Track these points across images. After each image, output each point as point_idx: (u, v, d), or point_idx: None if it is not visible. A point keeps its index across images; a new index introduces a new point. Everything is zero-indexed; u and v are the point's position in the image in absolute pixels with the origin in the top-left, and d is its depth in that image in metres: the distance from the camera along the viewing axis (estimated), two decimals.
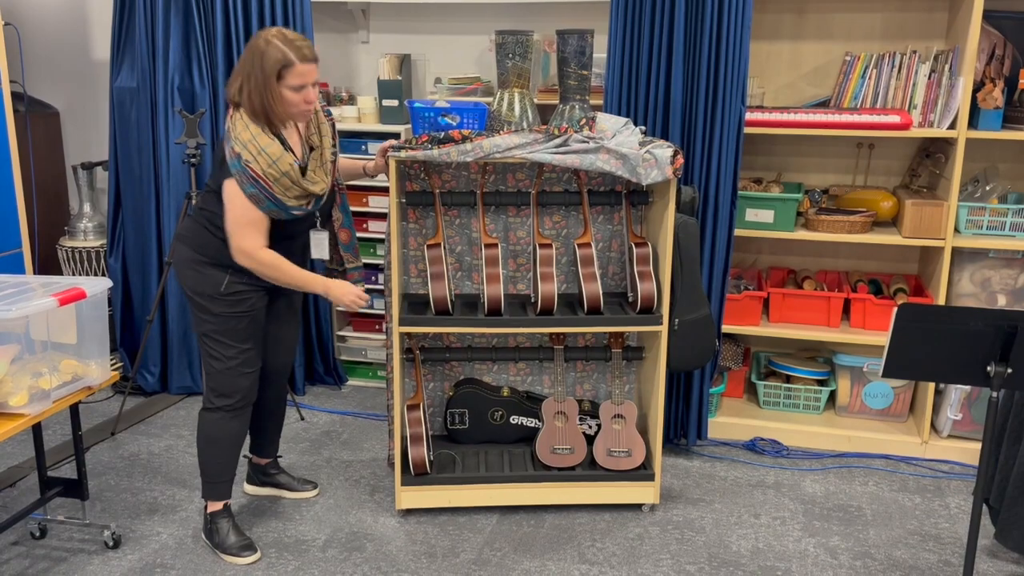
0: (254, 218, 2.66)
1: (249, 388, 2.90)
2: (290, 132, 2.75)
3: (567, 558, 2.97)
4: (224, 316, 2.80)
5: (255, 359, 2.89)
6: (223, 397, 2.87)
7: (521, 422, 3.45)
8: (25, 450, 3.62)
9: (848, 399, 3.90)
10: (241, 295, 2.80)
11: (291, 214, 2.72)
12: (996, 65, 3.48)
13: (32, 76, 4.69)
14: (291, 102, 2.62)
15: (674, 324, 3.17)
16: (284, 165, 2.63)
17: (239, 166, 2.61)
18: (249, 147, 2.60)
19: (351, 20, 4.40)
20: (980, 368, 2.33)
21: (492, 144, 2.90)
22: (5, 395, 2.62)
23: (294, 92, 2.60)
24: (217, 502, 2.97)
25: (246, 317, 2.83)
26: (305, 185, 2.70)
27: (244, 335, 2.84)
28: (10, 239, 3.90)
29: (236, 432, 2.93)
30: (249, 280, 2.80)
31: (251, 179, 2.61)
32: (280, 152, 2.63)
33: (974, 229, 3.55)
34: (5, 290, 2.73)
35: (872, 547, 3.06)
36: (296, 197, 2.70)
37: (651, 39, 3.44)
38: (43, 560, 2.93)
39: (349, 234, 3.08)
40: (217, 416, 2.90)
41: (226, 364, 2.84)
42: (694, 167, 3.51)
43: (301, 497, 3.31)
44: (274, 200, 2.65)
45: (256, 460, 3.31)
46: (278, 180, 2.63)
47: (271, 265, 2.72)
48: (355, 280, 3.09)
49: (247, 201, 2.64)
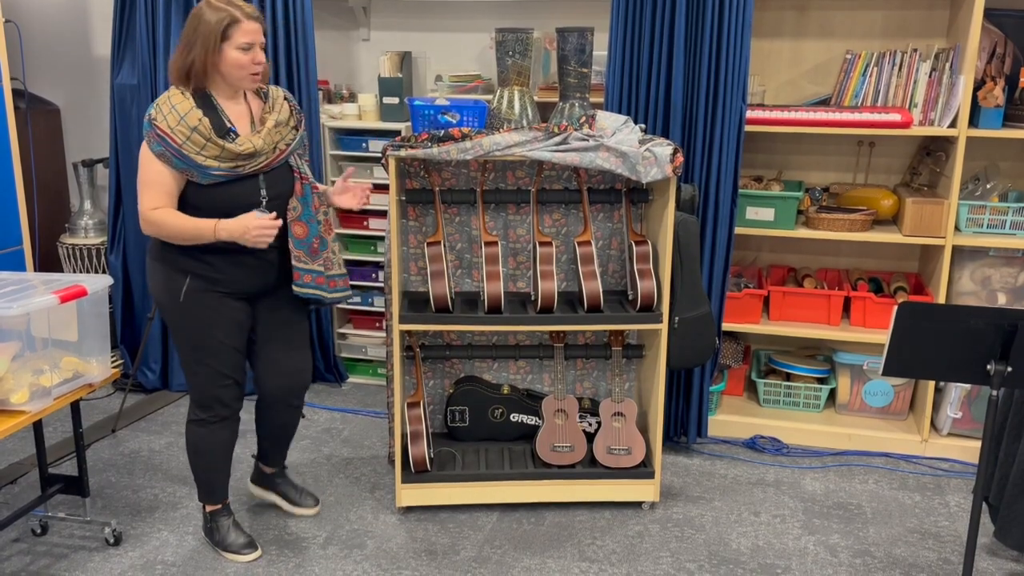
0: (156, 179, 2.55)
1: (229, 400, 2.79)
2: (237, 107, 2.65)
3: (567, 556, 2.97)
4: (189, 326, 2.70)
5: (232, 371, 2.76)
6: (204, 408, 2.79)
7: (521, 420, 3.46)
8: (26, 447, 3.62)
9: (848, 397, 3.90)
10: (203, 302, 2.68)
11: (209, 175, 2.56)
12: (997, 63, 3.48)
13: (33, 73, 4.68)
14: (239, 63, 2.53)
15: (674, 322, 3.17)
16: (192, 120, 2.52)
17: (149, 126, 2.53)
18: (161, 107, 2.54)
19: (352, 18, 4.40)
20: (980, 366, 2.33)
21: (492, 142, 2.90)
22: (6, 392, 2.62)
23: (242, 52, 2.53)
24: (214, 504, 2.95)
25: (213, 327, 2.69)
26: (220, 143, 2.54)
27: (213, 348, 2.71)
28: (11, 236, 3.90)
29: (223, 442, 2.85)
30: (211, 285, 2.68)
31: (157, 137, 2.52)
32: (189, 107, 2.53)
33: (974, 227, 3.55)
34: (6, 287, 2.74)
35: (872, 545, 3.06)
36: (216, 157, 2.55)
37: (652, 37, 3.44)
38: (44, 557, 2.94)
39: (305, 229, 2.75)
40: (201, 429, 2.82)
41: (199, 377, 2.75)
42: (694, 165, 3.51)
43: (300, 513, 3.18)
44: (182, 157, 2.52)
45: (263, 467, 3.21)
46: (189, 137, 2.51)
47: (164, 224, 2.56)
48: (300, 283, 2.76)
49: (153, 160, 2.53)
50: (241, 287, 2.73)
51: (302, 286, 2.77)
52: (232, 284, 2.71)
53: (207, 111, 2.57)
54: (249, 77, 2.59)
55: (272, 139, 2.66)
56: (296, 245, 2.75)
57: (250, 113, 2.68)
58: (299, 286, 2.77)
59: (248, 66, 2.55)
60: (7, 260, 3.86)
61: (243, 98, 2.68)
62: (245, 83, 2.61)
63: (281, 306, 2.86)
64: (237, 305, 2.74)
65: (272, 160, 2.67)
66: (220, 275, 2.68)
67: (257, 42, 2.55)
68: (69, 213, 4.75)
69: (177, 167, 2.54)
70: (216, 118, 2.58)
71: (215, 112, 2.59)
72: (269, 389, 2.92)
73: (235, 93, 2.65)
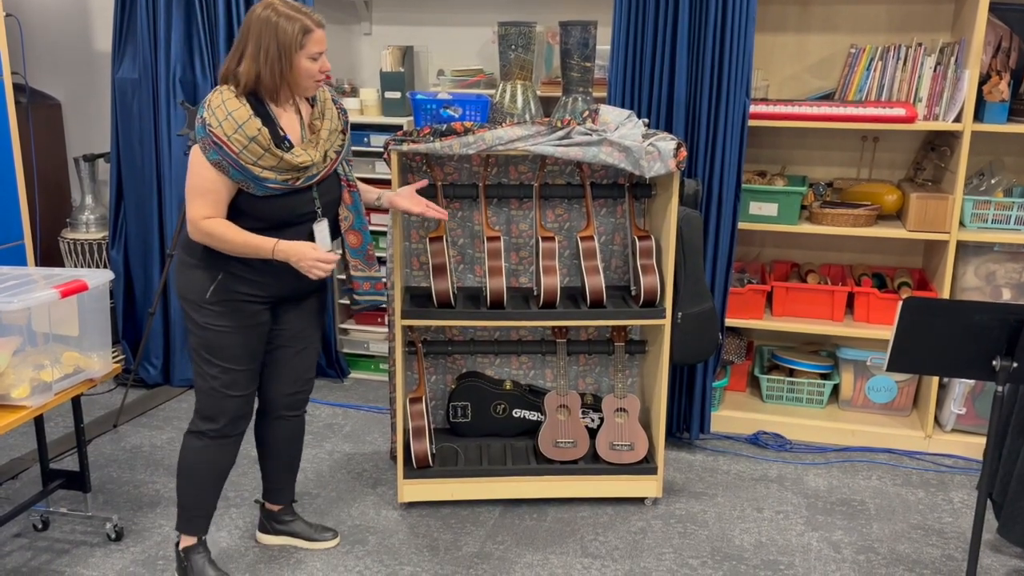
0: (210, 187, 2.43)
1: (237, 413, 2.65)
2: (288, 113, 2.55)
3: (570, 551, 2.97)
4: (210, 328, 2.55)
5: (245, 381, 2.63)
6: (207, 420, 2.64)
7: (523, 415, 3.45)
8: (27, 442, 3.62)
9: (851, 393, 3.89)
10: (230, 305, 2.55)
11: (265, 187, 2.46)
12: (1002, 58, 3.46)
13: (33, 67, 4.67)
14: (309, 72, 2.45)
15: (677, 317, 3.16)
16: (251, 130, 2.40)
17: (203, 132, 2.42)
18: (216, 112, 2.41)
19: (354, 12, 4.38)
20: (986, 362, 2.31)
21: (494, 136, 2.89)
22: (7, 387, 2.61)
23: (312, 61, 2.45)
24: (191, 536, 2.75)
25: (235, 333, 2.56)
26: (279, 154, 2.44)
27: (231, 352, 2.58)
28: (12, 231, 3.89)
29: (220, 463, 2.71)
30: (241, 289, 2.55)
31: (214, 144, 2.40)
32: (247, 116, 2.41)
33: (979, 223, 3.53)
34: (7, 282, 2.73)
35: (875, 541, 3.05)
36: (272, 168, 2.45)
37: (655, 31, 3.42)
38: (45, 552, 2.93)
39: (360, 237, 2.72)
40: (200, 442, 2.66)
41: (209, 383, 2.60)
42: (698, 160, 3.49)
43: (319, 548, 2.98)
44: (239, 168, 2.41)
45: (269, 506, 2.99)
46: (246, 147, 2.40)
47: (214, 235, 2.45)
48: (360, 291, 2.75)
49: (208, 168, 2.42)
50: (274, 291, 2.60)
51: (362, 294, 2.73)
52: (269, 287, 2.58)
53: (263, 120, 2.45)
54: (315, 86, 2.52)
55: (324, 148, 2.57)
56: (352, 254, 2.70)
57: (300, 119, 2.57)
58: (359, 294, 2.73)
59: (316, 74, 2.47)
60: (8, 255, 3.85)
61: (293, 104, 2.57)
62: (309, 90, 2.53)
63: (304, 313, 2.76)
64: (262, 310, 2.62)
65: (325, 171, 2.57)
66: (259, 278, 2.55)
67: (325, 50, 2.49)
68: (70, 208, 4.73)
69: (234, 178, 2.43)
70: (272, 127, 2.47)
71: (271, 121, 2.48)
72: (272, 395, 2.80)
73: (288, 99, 2.54)
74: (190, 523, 2.73)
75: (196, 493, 2.71)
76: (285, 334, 2.73)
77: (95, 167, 4.66)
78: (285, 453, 2.92)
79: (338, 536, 3.02)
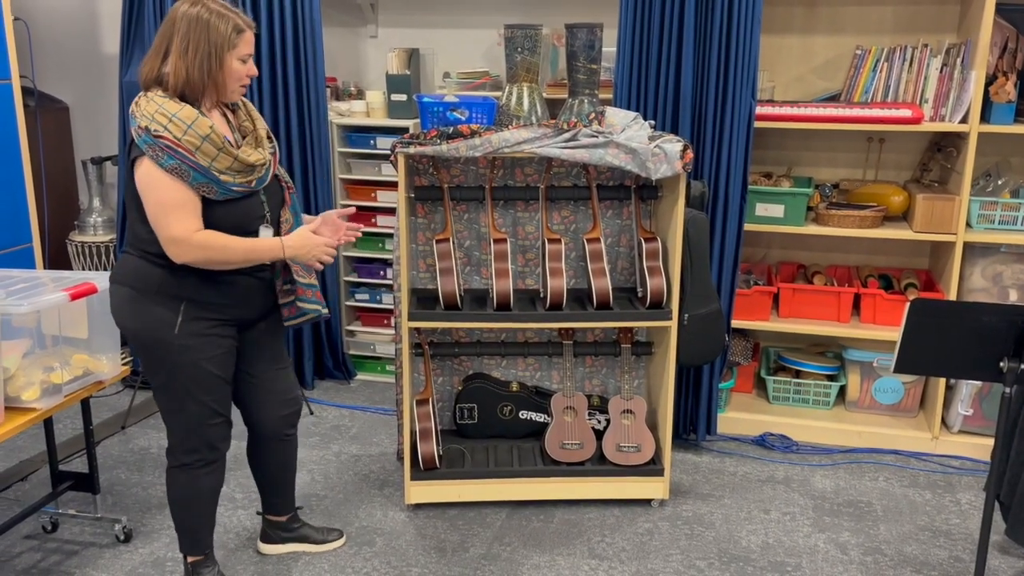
0: (179, 198, 2.27)
1: (217, 440, 2.55)
2: (215, 117, 2.44)
3: (577, 553, 2.97)
4: (182, 364, 2.41)
5: (223, 407, 2.54)
6: (190, 453, 2.53)
7: (530, 417, 3.45)
8: (36, 443, 3.63)
9: (858, 394, 3.89)
10: (200, 333, 2.41)
11: (229, 190, 2.34)
12: (1008, 58, 3.46)
13: (42, 71, 4.69)
14: (237, 74, 2.36)
15: (684, 319, 3.16)
16: (203, 128, 2.28)
17: (149, 140, 2.25)
18: (157, 117, 2.26)
19: (359, 14, 4.40)
20: (993, 364, 2.31)
21: (501, 139, 2.89)
22: (17, 389, 2.63)
23: (241, 63, 2.37)
24: (197, 555, 2.71)
25: (208, 362, 2.44)
26: (234, 152, 2.33)
27: (207, 384, 2.46)
28: (20, 234, 3.91)
29: (211, 488, 2.62)
30: (208, 316, 2.43)
31: (166, 149, 2.25)
32: (194, 115, 2.28)
33: (986, 223, 3.53)
34: (16, 285, 2.74)
35: (883, 543, 3.05)
36: (230, 169, 2.34)
37: (661, 33, 3.42)
38: (55, 553, 2.95)
39: None
40: (187, 475, 2.55)
41: (187, 419, 2.48)
42: (704, 161, 3.49)
43: (327, 549, 2.97)
44: (200, 170, 2.28)
45: (274, 518, 2.94)
46: (199, 147, 2.27)
47: (214, 246, 2.32)
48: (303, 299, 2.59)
49: (168, 178, 2.26)
50: (241, 313, 2.52)
51: (306, 301, 2.59)
52: (233, 310, 2.49)
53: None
54: (240, 90, 2.43)
55: (267, 150, 2.50)
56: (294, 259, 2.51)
57: (227, 122, 2.48)
58: (303, 302, 2.58)
59: (242, 77, 2.39)
60: (17, 258, 3.87)
61: (219, 108, 2.47)
62: (236, 95, 2.43)
63: (271, 330, 2.66)
64: (230, 334, 2.51)
65: (271, 173, 2.50)
66: (224, 300, 2.45)
67: (252, 53, 2.40)
68: (78, 211, 4.76)
69: (196, 181, 2.29)
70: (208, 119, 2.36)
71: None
72: (265, 419, 2.71)
73: (214, 104, 2.44)
74: (193, 545, 2.69)
75: (193, 519, 2.65)
76: (264, 356, 2.65)
77: (103, 170, 4.68)
78: (281, 472, 2.86)
79: (344, 536, 3.03)
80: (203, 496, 2.61)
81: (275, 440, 2.77)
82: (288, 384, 2.74)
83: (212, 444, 2.55)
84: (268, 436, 2.76)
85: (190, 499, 2.61)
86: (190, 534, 2.66)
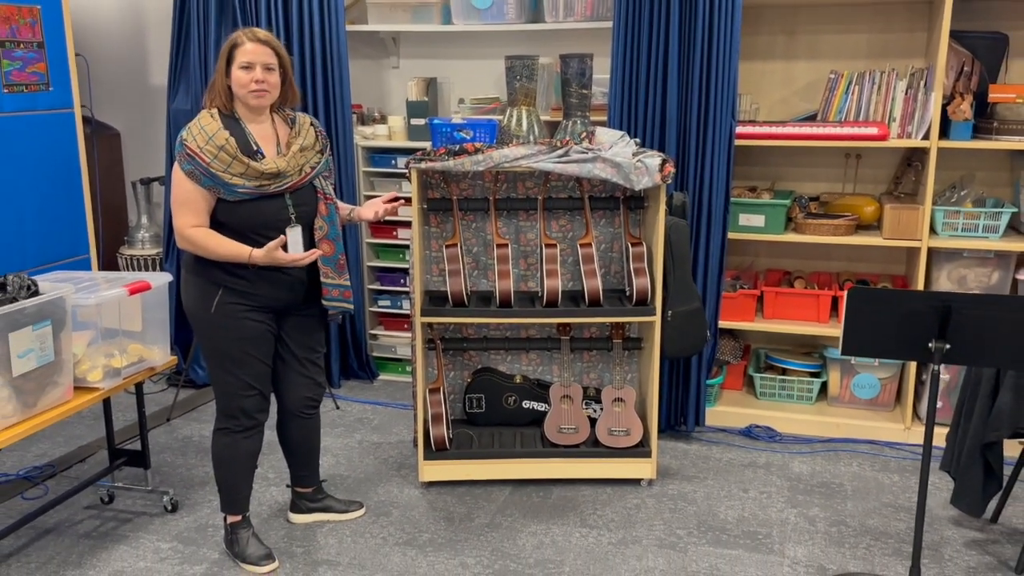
0: (189, 197, 2.75)
1: (253, 410, 2.94)
2: (263, 129, 2.85)
3: (570, 523, 3.33)
4: (219, 339, 2.86)
5: (257, 381, 2.93)
6: (230, 418, 2.95)
7: (532, 406, 3.82)
8: (93, 432, 4.07)
9: (838, 390, 4.21)
10: (234, 315, 2.84)
11: (235, 192, 2.75)
12: (965, 81, 3.80)
13: (97, 101, 5.18)
14: (240, 81, 2.75)
15: (667, 315, 3.52)
16: (220, 140, 2.72)
17: (179, 147, 2.74)
18: (192, 128, 2.75)
19: (383, 48, 4.84)
20: (924, 345, 2.65)
21: (501, 155, 3.30)
22: (84, 372, 3.06)
23: (243, 71, 2.74)
24: (235, 515, 3.09)
25: (241, 341, 2.86)
26: (246, 161, 2.73)
27: (240, 359, 2.87)
28: (79, 246, 4.37)
29: (248, 451, 3.00)
30: (242, 301, 2.84)
31: (187, 156, 2.72)
32: (217, 128, 2.74)
33: (950, 231, 3.86)
34: (81, 283, 3.18)
35: (848, 516, 3.37)
36: (241, 175, 2.74)
37: (648, 62, 3.82)
38: (112, 520, 3.36)
39: (332, 247, 2.97)
40: (227, 438, 2.97)
41: (225, 387, 2.91)
42: (688, 175, 3.87)
43: (349, 518, 3.35)
44: (210, 175, 2.71)
45: (300, 489, 3.32)
46: (216, 156, 2.71)
47: (196, 242, 2.76)
48: (328, 298, 2.98)
49: (184, 179, 2.74)
50: (271, 302, 2.89)
51: (330, 300, 2.98)
52: (263, 299, 2.86)
53: (234, 132, 2.77)
54: (251, 94, 2.77)
55: (297, 162, 2.86)
56: (324, 262, 2.94)
57: (276, 136, 2.88)
58: (328, 300, 2.98)
59: (248, 84, 2.75)
60: (75, 267, 4.32)
61: (271, 122, 2.89)
62: (250, 100, 2.78)
63: (306, 321, 3.04)
64: (265, 318, 2.90)
65: (298, 181, 2.86)
66: (253, 290, 2.84)
67: (259, 62, 2.75)
68: (128, 227, 5.23)
69: (204, 184, 2.73)
70: (243, 138, 2.79)
71: (242, 133, 2.80)
72: (292, 399, 3.10)
73: (259, 116, 2.85)
74: (232, 504, 3.08)
75: (232, 480, 3.03)
76: (292, 344, 3.04)
77: (150, 190, 5.16)
78: (305, 446, 3.24)
79: (364, 508, 3.41)
80: (240, 458, 3.01)
81: (298, 417, 3.15)
82: (316, 370, 3.13)
83: (248, 413, 2.95)
84: (292, 413, 3.14)
85: (229, 459, 3.01)
86: (229, 493, 3.05)
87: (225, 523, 3.13)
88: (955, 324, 2.58)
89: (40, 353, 2.84)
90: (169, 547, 3.18)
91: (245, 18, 4.35)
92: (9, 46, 3.90)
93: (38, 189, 4.11)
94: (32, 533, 3.26)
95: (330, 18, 4.30)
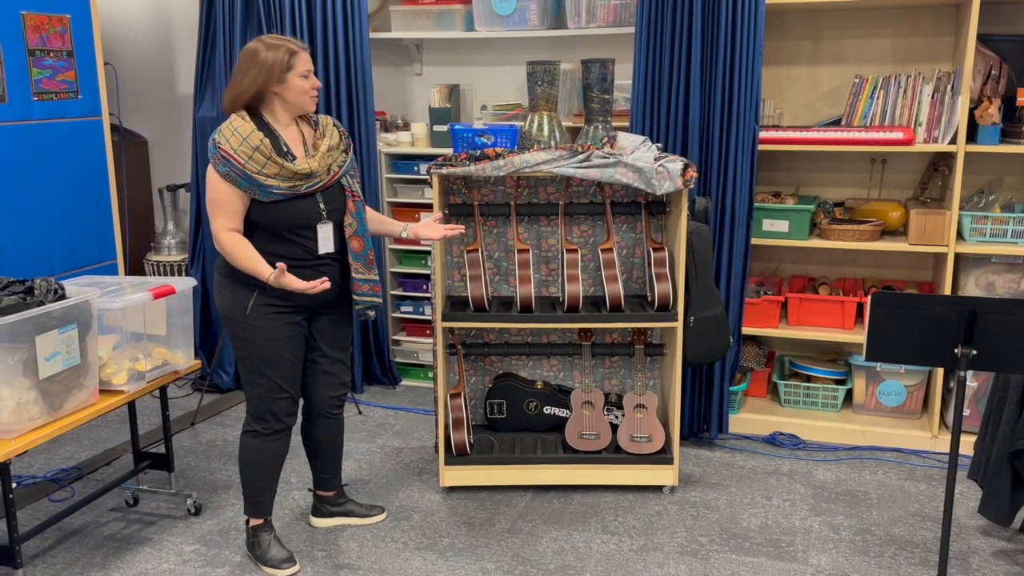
0: (223, 199, 2.78)
1: (283, 413, 2.98)
2: (291, 132, 2.90)
3: (591, 529, 3.31)
4: (253, 340, 2.89)
5: (289, 384, 2.97)
6: (259, 421, 2.98)
7: (554, 412, 3.81)
8: (118, 436, 4.11)
9: (864, 397, 4.16)
10: (268, 318, 2.88)
11: (270, 192, 2.79)
12: (993, 84, 3.76)
13: (125, 109, 5.26)
14: (303, 88, 2.83)
15: (689, 321, 3.50)
16: (255, 141, 2.75)
17: (213, 149, 2.78)
18: (224, 131, 2.78)
19: (406, 55, 4.87)
20: (949, 350, 2.61)
21: (522, 160, 3.30)
22: (109, 375, 3.09)
23: (303, 79, 2.83)
24: (258, 518, 3.11)
25: (276, 343, 2.90)
26: (280, 161, 2.77)
27: (274, 361, 2.91)
28: (107, 251, 4.43)
29: (275, 454, 3.03)
30: (277, 302, 2.88)
31: (222, 158, 2.75)
32: (251, 129, 2.77)
33: (978, 236, 3.81)
34: (108, 288, 3.22)
35: (873, 525, 3.33)
36: (276, 176, 2.78)
37: (671, 66, 3.81)
38: (136, 523, 3.39)
39: (362, 243, 3.02)
40: (256, 440, 3.00)
41: (258, 390, 2.94)
42: (711, 180, 3.85)
43: (370, 522, 3.37)
44: (245, 177, 2.75)
45: (322, 493, 3.35)
46: (251, 157, 2.74)
47: (226, 249, 2.80)
48: (359, 292, 3.03)
49: (219, 181, 2.77)
50: (305, 302, 2.92)
51: (361, 295, 3.02)
52: (297, 299, 2.89)
53: (266, 134, 2.82)
54: (311, 100, 2.89)
55: (326, 161, 2.91)
56: (354, 258, 3.00)
57: (303, 138, 2.94)
58: (359, 295, 3.02)
59: (310, 90, 2.86)
60: (103, 272, 4.38)
61: (295, 125, 2.94)
62: (309, 105, 2.89)
63: (337, 320, 3.09)
64: (298, 320, 2.95)
65: (328, 181, 2.91)
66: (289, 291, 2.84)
67: (312, 70, 2.88)
68: (154, 233, 5.29)
69: (240, 186, 2.77)
70: (275, 140, 2.84)
71: (273, 135, 2.85)
72: (319, 399, 3.14)
73: (289, 120, 2.90)
74: (256, 508, 3.10)
75: (257, 482, 3.06)
76: (323, 343, 3.07)
77: (176, 197, 5.22)
78: (329, 448, 3.26)
79: (385, 512, 3.42)
80: (267, 461, 3.03)
81: (323, 417, 3.18)
82: (343, 370, 3.16)
83: (278, 416, 2.98)
84: (317, 413, 3.17)
85: (256, 462, 3.03)
86: (254, 496, 3.07)
87: (247, 526, 3.14)
88: (981, 329, 2.54)
89: (66, 356, 2.88)
90: (192, 550, 3.20)
91: (270, 27, 4.39)
92: (39, 54, 3.97)
93: (66, 196, 4.17)
94: (58, 534, 3.29)
95: (354, 26, 4.33)
